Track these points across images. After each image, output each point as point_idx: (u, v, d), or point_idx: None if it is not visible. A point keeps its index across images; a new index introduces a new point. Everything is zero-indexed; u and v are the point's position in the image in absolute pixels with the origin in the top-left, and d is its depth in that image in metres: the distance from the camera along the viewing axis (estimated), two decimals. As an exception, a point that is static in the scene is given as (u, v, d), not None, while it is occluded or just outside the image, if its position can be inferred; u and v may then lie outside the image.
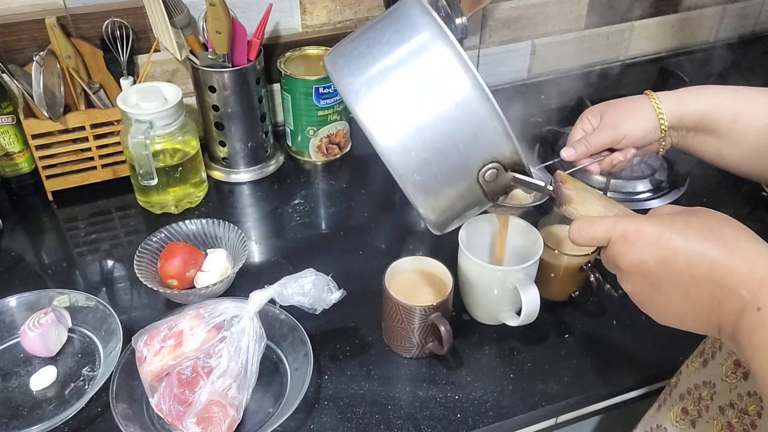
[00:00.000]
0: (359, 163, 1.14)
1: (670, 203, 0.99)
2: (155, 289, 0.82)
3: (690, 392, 0.67)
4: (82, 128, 0.97)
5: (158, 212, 1.00)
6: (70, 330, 0.82)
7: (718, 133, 0.68)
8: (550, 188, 0.56)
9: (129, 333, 0.75)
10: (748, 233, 0.47)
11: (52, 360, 0.80)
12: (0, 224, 0.98)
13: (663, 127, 0.70)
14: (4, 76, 0.96)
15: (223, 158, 1.08)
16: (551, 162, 0.81)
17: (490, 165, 0.53)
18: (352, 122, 1.16)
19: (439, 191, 0.54)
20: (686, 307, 0.48)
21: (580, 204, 0.55)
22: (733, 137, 0.67)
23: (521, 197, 0.80)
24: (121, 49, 1.00)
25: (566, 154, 0.74)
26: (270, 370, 0.77)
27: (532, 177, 0.55)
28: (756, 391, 0.59)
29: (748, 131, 0.66)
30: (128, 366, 0.74)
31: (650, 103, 0.70)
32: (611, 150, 0.73)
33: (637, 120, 0.71)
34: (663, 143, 0.72)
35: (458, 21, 1.03)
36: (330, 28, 1.14)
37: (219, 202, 1.05)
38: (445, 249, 0.90)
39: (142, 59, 1.05)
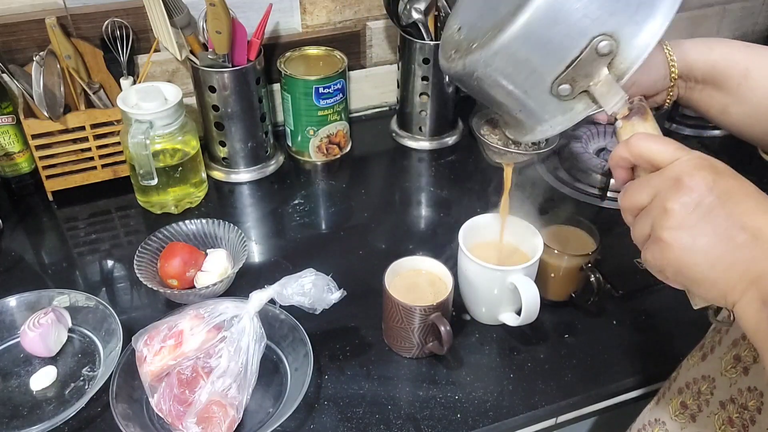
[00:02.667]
0: (359, 163, 1.14)
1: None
2: (155, 289, 0.82)
3: (689, 386, 0.67)
4: (82, 128, 0.97)
5: (158, 212, 1.00)
6: (70, 330, 0.82)
7: (727, 87, 0.66)
8: (636, 101, 0.56)
9: (129, 333, 0.75)
10: None
11: (52, 360, 0.80)
12: (0, 224, 0.98)
13: (673, 75, 0.68)
14: (4, 76, 0.96)
15: (223, 158, 1.08)
16: None
17: (602, 38, 0.53)
18: (352, 122, 1.16)
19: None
20: (718, 250, 0.47)
21: (652, 126, 0.55)
22: (741, 93, 0.65)
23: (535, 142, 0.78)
24: (121, 49, 1.00)
25: None
26: (270, 370, 0.77)
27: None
28: (756, 386, 0.59)
29: (757, 88, 0.65)
30: (128, 366, 0.74)
31: (663, 52, 0.68)
32: None
33: (649, 66, 0.68)
34: (671, 94, 0.70)
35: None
36: (330, 28, 1.14)
37: (219, 202, 1.05)
38: (445, 249, 0.90)
39: (142, 59, 1.05)
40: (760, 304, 0.45)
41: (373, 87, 1.23)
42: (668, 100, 0.71)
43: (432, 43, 1.05)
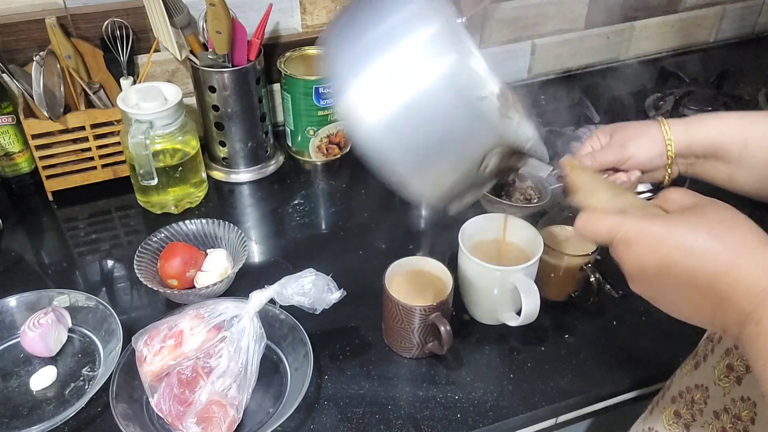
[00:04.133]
0: (359, 163, 1.13)
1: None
2: (155, 289, 0.82)
3: (682, 395, 0.67)
4: (82, 128, 0.97)
5: (158, 212, 1.00)
6: (70, 330, 0.82)
7: (728, 159, 0.67)
8: (554, 173, 0.56)
9: (129, 333, 0.75)
10: (758, 239, 0.47)
11: (52, 360, 0.80)
12: (0, 224, 0.98)
13: (670, 153, 0.70)
14: (4, 76, 0.96)
15: (223, 158, 1.08)
16: (554, 172, 0.81)
17: (493, 151, 0.52)
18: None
19: (438, 172, 0.53)
20: (689, 311, 0.49)
21: (586, 194, 0.53)
22: (744, 162, 0.67)
23: (527, 197, 0.81)
24: (121, 49, 1.00)
25: None
26: (270, 370, 0.77)
27: (538, 160, 0.55)
28: (749, 396, 0.59)
29: (759, 155, 0.66)
30: (128, 366, 0.74)
31: (660, 129, 0.71)
32: (616, 170, 0.74)
33: (644, 143, 0.71)
34: (669, 171, 0.72)
35: (458, 21, 1.03)
36: (330, 28, 1.14)
37: (219, 202, 1.05)
38: (445, 249, 0.90)
39: (142, 59, 1.05)
40: (751, 344, 0.45)
41: (373, 87, 1.22)
42: (667, 177, 0.73)
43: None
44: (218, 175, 1.09)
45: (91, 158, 1.01)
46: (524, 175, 0.80)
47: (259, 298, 0.73)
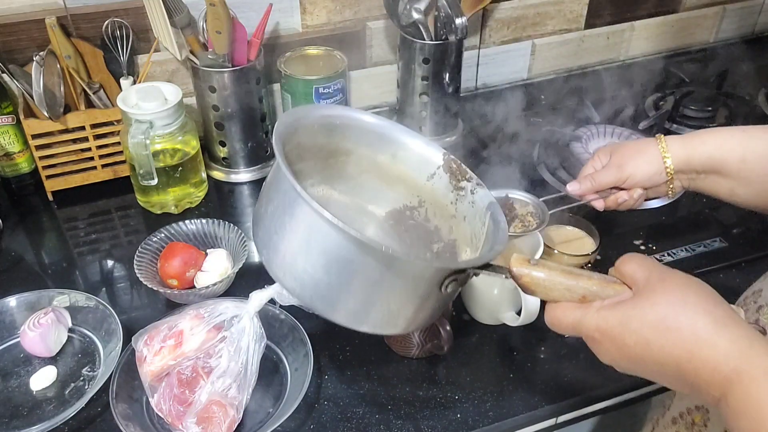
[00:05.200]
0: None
1: (668, 204, 1.00)
2: (155, 289, 0.82)
3: (683, 416, 0.67)
4: (82, 128, 0.97)
5: (158, 212, 1.00)
6: (70, 330, 0.82)
7: (728, 173, 0.68)
8: (509, 278, 0.56)
9: (129, 333, 0.75)
10: (711, 318, 0.46)
11: (52, 360, 0.80)
12: (0, 224, 0.98)
13: (668, 170, 0.71)
14: (4, 76, 0.96)
15: (223, 158, 1.08)
16: (556, 195, 0.83)
17: (447, 280, 0.56)
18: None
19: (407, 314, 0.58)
20: (674, 387, 0.51)
21: (545, 290, 0.55)
22: (744, 176, 0.67)
23: (525, 224, 0.81)
24: (121, 49, 1.00)
25: (571, 188, 0.78)
26: (270, 370, 0.77)
27: (490, 269, 0.57)
28: None
29: (758, 169, 0.66)
30: (128, 366, 0.74)
31: (657, 147, 0.72)
32: (618, 189, 0.76)
33: (641, 162, 0.72)
34: (671, 186, 0.73)
35: (458, 21, 1.03)
36: (330, 28, 1.14)
37: (219, 202, 1.05)
38: (445, 249, 0.90)
39: (142, 59, 1.05)
40: (727, 421, 0.45)
41: (373, 87, 1.23)
42: (670, 192, 0.74)
43: (432, 42, 1.05)
44: (218, 175, 1.09)
45: (91, 158, 1.01)
46: (525, 201, 0.83)
47: (259, 298, 0.73)
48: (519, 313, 0.76)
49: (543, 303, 0.74)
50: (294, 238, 0.56)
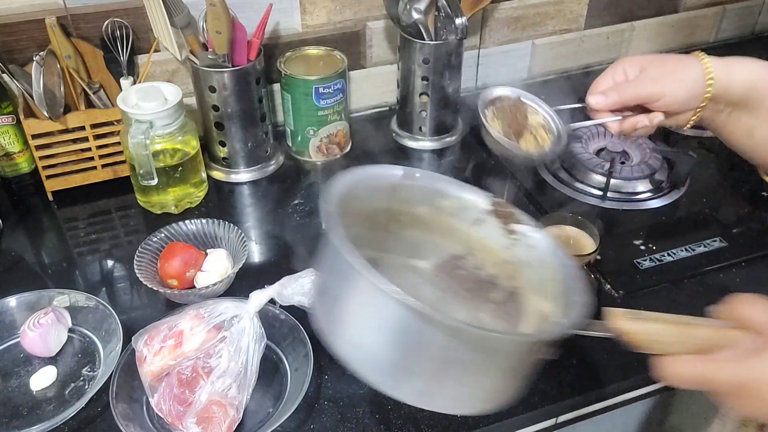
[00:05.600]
0: (359, 163, 1.13)
1: (668, 204, 1.00)
2: (155, 289, 0.82)
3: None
4: (82, 128, 0.97)
5: (158, 212, 1.00)
6: (70, 330, 0.82)
7: (758, 109, 0.63)
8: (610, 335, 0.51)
9: (129, 333, 0.75)
10: None
11: (52, 360, 0.80)
12: (0, 224, 0.98)
13: (708, 95, 0.63)
14: (4, 76, 0.96)
15: (223, 158, 1.08)
16: (569, 107, 0.74)
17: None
18: (352, 122, 1.16)
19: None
20: None
21: (652, 344, 0.50)
22: None
23: (540, 142, 0.73)
24: (121, 49, 1.00)
25: (594, 100, 0.67)
26: (270, 370, 0.77)
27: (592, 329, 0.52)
28: None
29: None
30: (128, 366, 0.74)
31: (701, 66, 0.64)
32: (637, 110, 0.66)
33: (684, 80, 0.63)
34: (696, 115, 0.65)
35: (458, 21, 1.03)
36: (330, 28, 1.14)
37: (219, 202, 1.05)
38: (445, 249, 0.89)
39: (142, 59, 1.05)
40: None
41: (373, 87, 1.23)
42: (692, 121, 0.66)
43: (432, 43, 1.05)
44: (218, 175, 1.09)
45: (91, 158, 1.01)
46: (535, 109, 0.72)
47: (259, 298, 0.73)
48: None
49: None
50: (368, 325, 0.51)
